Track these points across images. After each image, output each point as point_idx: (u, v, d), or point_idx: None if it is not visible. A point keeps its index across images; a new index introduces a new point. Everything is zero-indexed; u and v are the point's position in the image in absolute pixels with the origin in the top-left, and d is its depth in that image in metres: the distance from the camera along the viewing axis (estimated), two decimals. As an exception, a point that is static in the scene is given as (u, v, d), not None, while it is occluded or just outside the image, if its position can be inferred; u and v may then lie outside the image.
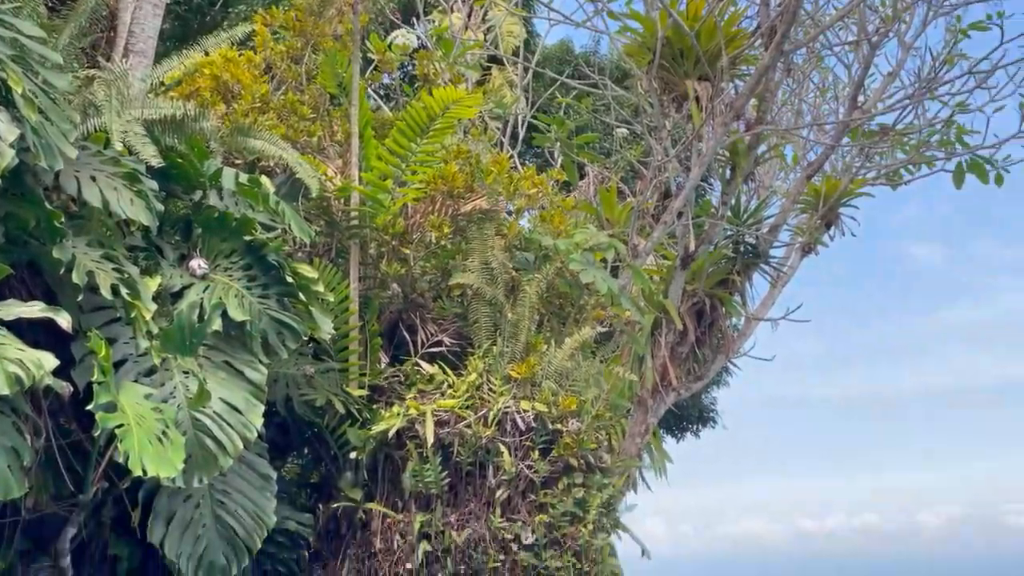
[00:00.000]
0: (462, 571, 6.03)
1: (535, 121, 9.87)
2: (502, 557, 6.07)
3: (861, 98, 8.88)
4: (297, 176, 6.28)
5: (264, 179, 5.90)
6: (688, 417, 14.49)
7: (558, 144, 9.31)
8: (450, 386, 6.53)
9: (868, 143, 9.07)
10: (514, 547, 6.09)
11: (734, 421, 14.62)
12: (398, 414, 6.27)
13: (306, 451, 7.05)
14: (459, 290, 7.04)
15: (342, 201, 6.88)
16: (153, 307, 4.83)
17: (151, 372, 4.91)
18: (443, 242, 7.08)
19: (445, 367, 6.71)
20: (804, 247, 9.33)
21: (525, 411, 6.33)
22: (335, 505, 6.29)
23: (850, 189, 9.03)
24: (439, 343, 6.95)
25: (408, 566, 6.02)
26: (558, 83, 9.66)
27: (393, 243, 7.00)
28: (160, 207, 5.07)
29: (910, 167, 9.47)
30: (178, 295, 5.22)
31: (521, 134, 11.35)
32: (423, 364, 6.78)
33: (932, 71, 8.52)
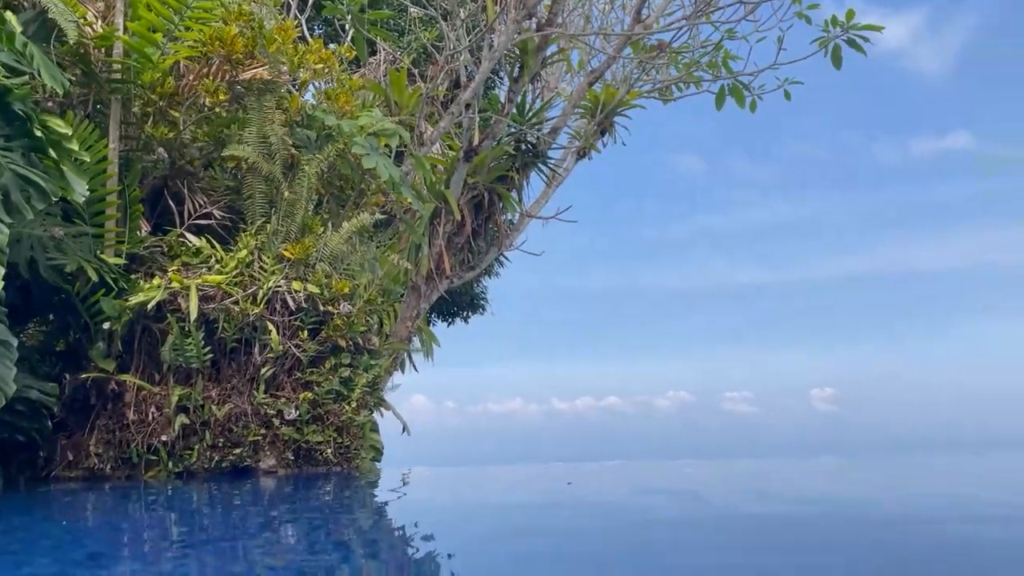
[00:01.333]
0: (221, 444, 6.06)
1: (327, -11, 9.35)
2: (264, 431, 6.17)
3: (645, 12, 9.27)
4: (50, 16, 5.62)
5: (9, 14, 5.23)
6: (459, 304, 15.04)
7: (349, 17, 8.95)
8: (218, 261, 6.36)
9: (646, 57, 9.55)
10: (276, 422, 6.19)
11: (502, 309, 15.38)
12: (159, 286, 6.03)
13: (52, 318, 6.59)
14: (233, 162, 6.75)
15: (103, 51, 6.26)
16: None
17: None
18: (218, 109, 6.70)
19: (213, 241, 6.49)
20: (580, 151, 9.80)
21: (297, 291, 6.33)
22: (84, 375, 6.00)
23: (626, 100, 9.53)
24: (208, 215, 6.69)
25: (163, 438, 5.94)
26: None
27: (161, 103, 6.52)
28: None
29: (680, 84, 10.10)
30: None
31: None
32: (189, 236, 6.52)
33: (710, -5, 9.02)
